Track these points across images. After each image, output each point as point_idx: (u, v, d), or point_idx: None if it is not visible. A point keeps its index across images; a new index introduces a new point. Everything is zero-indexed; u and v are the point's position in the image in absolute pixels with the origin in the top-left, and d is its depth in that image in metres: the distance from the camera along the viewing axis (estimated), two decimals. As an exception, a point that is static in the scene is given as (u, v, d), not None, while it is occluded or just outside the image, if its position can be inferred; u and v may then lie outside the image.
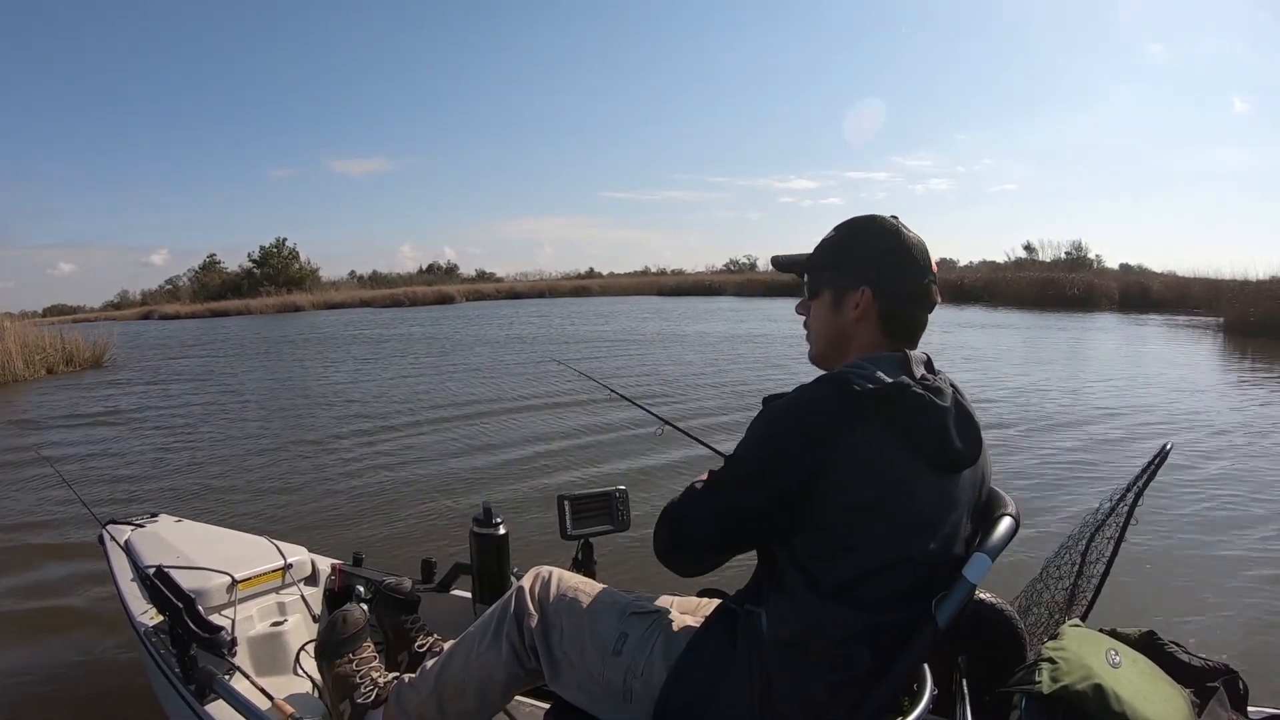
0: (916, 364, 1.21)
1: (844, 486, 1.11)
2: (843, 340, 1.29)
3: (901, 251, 1.26)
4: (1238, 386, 8.92)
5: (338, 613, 1.77)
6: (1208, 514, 4.26)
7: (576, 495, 1.94)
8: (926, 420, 1.14)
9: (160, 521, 2.69)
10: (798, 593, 1.15)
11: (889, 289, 1.25)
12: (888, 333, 1.26)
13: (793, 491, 1.12)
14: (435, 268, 61.82)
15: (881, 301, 1.25)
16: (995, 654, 1.41)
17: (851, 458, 1.10)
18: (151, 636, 1.99)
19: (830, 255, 1.31)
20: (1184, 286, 22.22)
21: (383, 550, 3.88)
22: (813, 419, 1.14)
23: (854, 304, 1.26)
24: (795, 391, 1.19)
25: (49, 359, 13.16)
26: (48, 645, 3.11)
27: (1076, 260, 33.52)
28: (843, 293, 1.28)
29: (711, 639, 1.25)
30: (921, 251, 1.26)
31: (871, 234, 1.28)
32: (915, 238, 1.27)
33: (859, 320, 1.26)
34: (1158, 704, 1.15)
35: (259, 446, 6.78)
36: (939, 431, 1.15)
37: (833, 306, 1.29)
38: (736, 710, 1.17)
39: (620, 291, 42.78)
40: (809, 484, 1.11)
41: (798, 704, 1.14)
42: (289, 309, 37.65)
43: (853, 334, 1.27)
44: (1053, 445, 5.91)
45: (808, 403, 1.15)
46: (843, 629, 1.12)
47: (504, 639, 1.46)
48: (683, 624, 1.33)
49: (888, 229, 1.27)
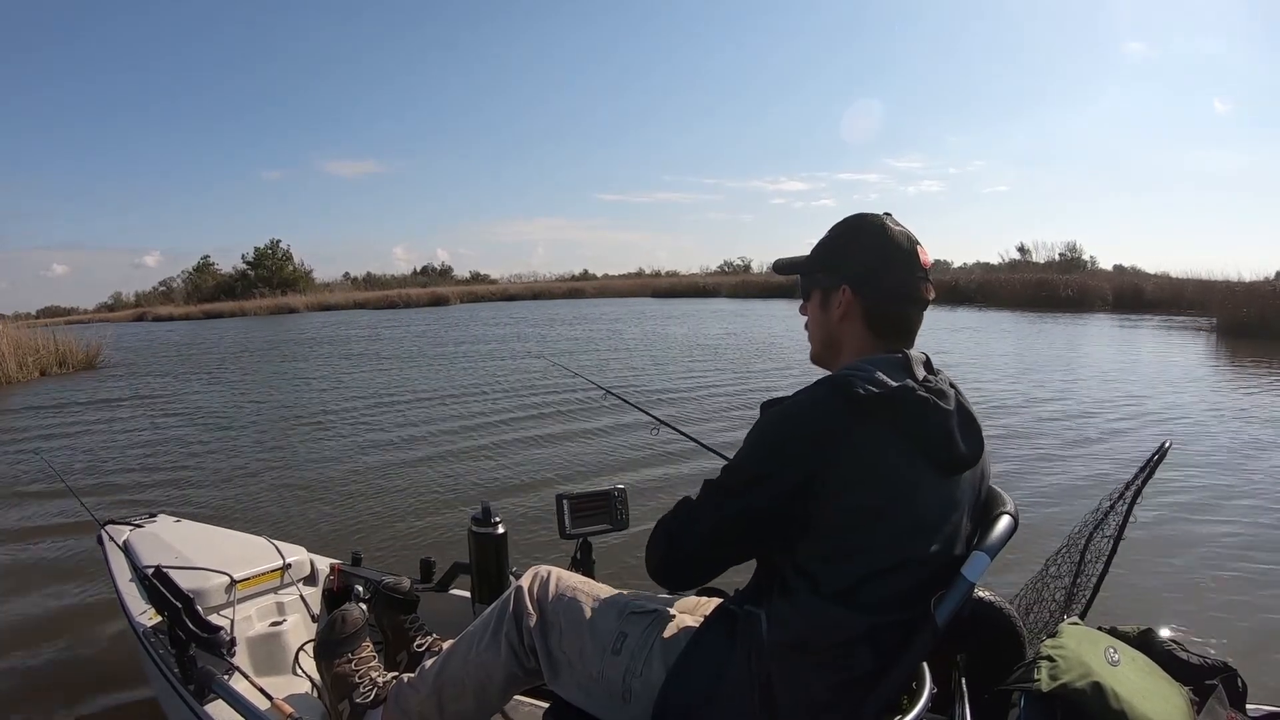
0: (917, 365, 1.21)
1: (846, 490, 1.10)
2: (833, 340, 1.30)
3: (884, 248, 1.24)
4: (1232, 386, 8.95)
5: (336, 612, 1.77)
6: (1206, 513, 4.27)
7: (575, 494, 1.94)
8: (930, 424, 1.13)
9: (159, 521, 2.69)
10: (799, 596, 1.14)
11: (869, 286, 1.24)
12: (875, 331, 1.25)
13: (793, 494, 1.12)
14: (429, 269, 61.79)
15: (863, 299, 1.25)
16: (994, 652, 1.41)
17: (854, 461, 1.10)
18: (150, 637, 1.98)
19: (820, 256, 1.32)
20: (1177, 288, 22.28)
21: (381, 550, 3.89)
22: (814, 422, 1.13)
23: (837, 303, 1.27)
24: (795, 395, 1.18)
25: (42, 361, 13.13)
26: (47, 646, 3.10)
27: (1070, 262, 33.62)
28: (828, 293, 1.29)
29: (710, 639, 1.25)
30: (907, 247, 1.25)
31: (857, 232, 1.28)
32: (902, 233, 1.25)
33: (843, 319, 1.27)
34: (1156, 702, 1.15)
35: (256, 446, 6.77)
36: (943, 435, 1.15)
37: (821, 307, 1.31)
38: (736, 710, 1.17)
39: (615, 293, 42.79)
40: (808, 486, 1.11)
41: (797, 705, 1.14)
42: (283, 311, 37.52)
43: (840, 333, 1.28)
44: (1050, 444, 5.92)
45: (809, 405, 1.15)
46: (844, 631, 1.12)
47: (503, 639, 1.45)
48: (682, 624, 1.33)
49: (871, 226, 1.27)
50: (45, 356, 13.25)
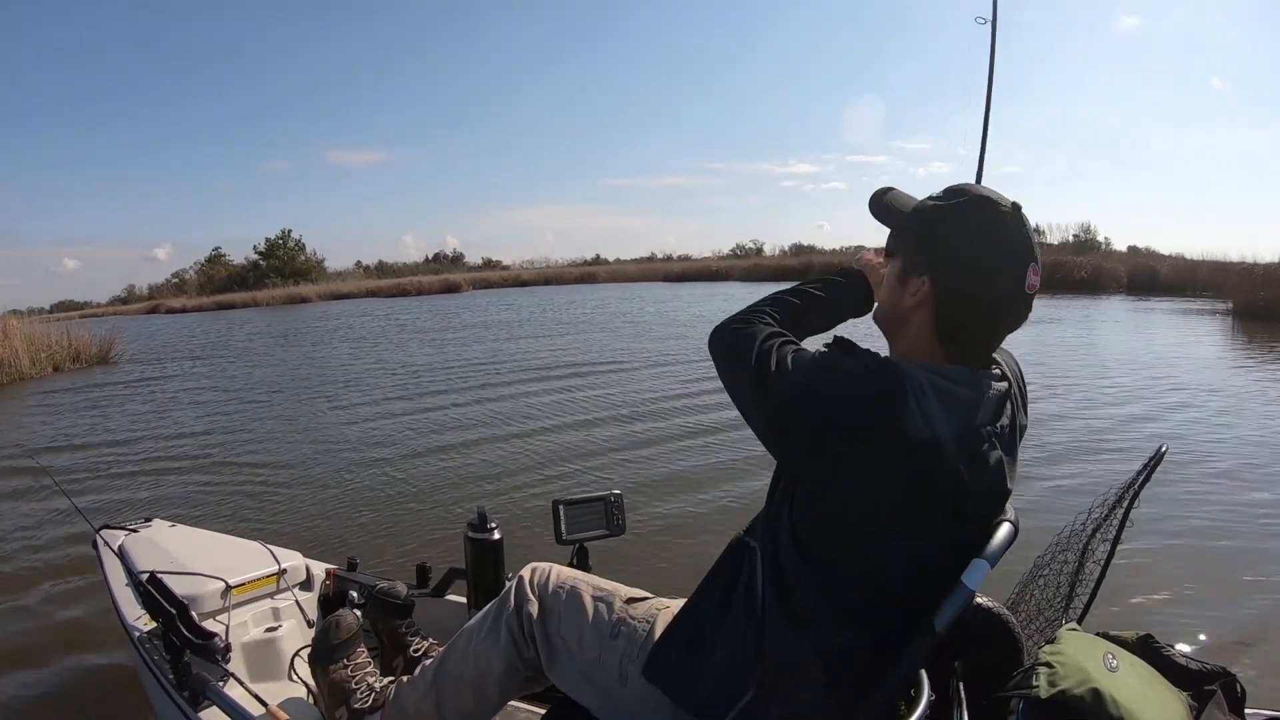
0: (987, 397, 1.10)
1: (863, 493, 1.05)
2: (897, 320, 1.19)
3: (987, 247, 1.08)
4: (1247, 373, 8.85)
5: (331, 618, 1.77)
6: (1206, 515, 4.16)
7: (571, 500, 1.93)
8: (972, 477, 1.07)
9: (154, 526, 2.70)
10: (801, 593, 1.12)
11: (952, 286, 1.10)
12: (940, 334, 1.13)
13: (811, 448, 1.08)
14: (441, 256, 61.80)
15: (939, 296, 1.11)
16: (992, 658, 1.39)
17: (883, 472, 1.04)
18: (145, 642, 1.99)
19: (917, 223, 1.17)
20: (1192, 269, 21.99)
21: (378, 555, 3.89)
22: (873, 412, 1.03)
23: (914, 289, 1.13)
24: (862, 369, 1.07)
25: (55, 356, 13.25)
26: (41, 651, 3.11)
27: (1084, 243, 33.27)
28: (909, 270, 1.15)
29: (720, 565, 1.24)
30: (1016, 255, 1.08)
31: (967, 219, 1.11)
32: (1018, 236, 1.08)
33: (914, 307, 1.14)
34: (1155, 707, 1.14)
35: (254, 450, 6.77)
36: (978, 494, 1.09)
37: (899, 279, 1.17)
38: (733, 668, 1.16)
39: (627, 278, 42.76)
40: (830, 447, 1.05)
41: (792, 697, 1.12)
42: (296, 300, 37.79)
43: (908, 318, 1.16)
44: (1060, 438, 5.87)
45: (864, 394, 1.04)
46: (838, 641, 1.10)
47: (503, 626, 1.46)
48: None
49: (987, 219, 1.09)
50: (59, 352, 13.37)
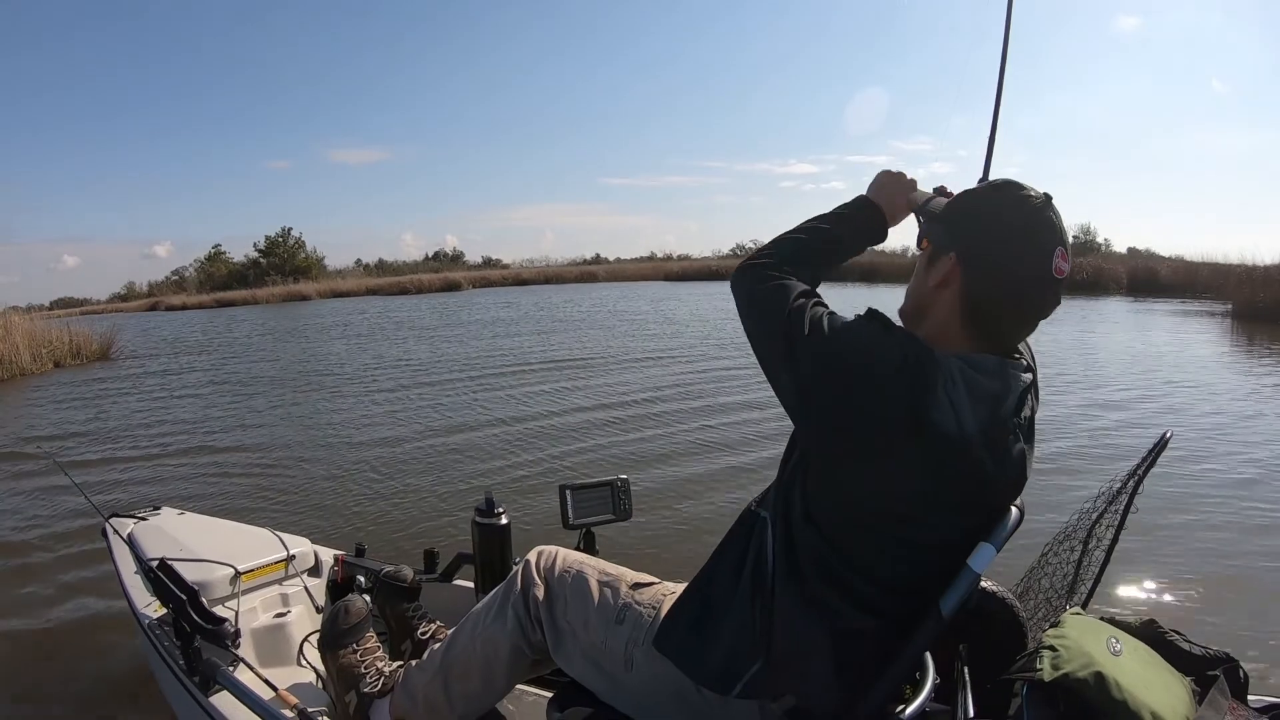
0: (1013, 389, 1.08)
1: (882, 484, 1.06)
2: (922, 305, 1.16)
3: (1016, 229, 1.07)
4: (1247, 373, 8.86)
5: (340, 603, 1.78)
6: (1210, 503, 4.22)
7: (578, 485, 1.94)
8: (996, 471, 1.08)
9: (163, 514, 2.70)
10: (810, 571, 1.12)
11: (981, 271, 1.08)
12: (969, 321, 1.10)
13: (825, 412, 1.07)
14: (441, 254, 61.59)
15: (966, 279, 1.09)
16: (996, 642, 1.41)
17: (904, 466, 1.04)
18: (155, 629, 2.00)
19: (949, 206, 1.17)
20: (1192, 271, 21.95)
21: (386, 541, 3.90)
22: (899, 401, 1.01)
23: (941, 271, 1.12)
24: (893, 348, 1.04)
25: (56, 353, 13.19)
26: (52, 638, 3.13)
27: (1085, 244, 33.29)
28: (938, 251, 1.14)
29: (731, 534, 1.24)
30: (1047, 247, 1.05)
31: (996, 203, 1.10)
32: (1047, 221, 1.06)
33: (939, 288, 1.12)
34: (1158, 692, 1.14)
35: (261, 438, 6.80)
36: (1000, 486, 1.11)
37: (928, 261, 1.16)
38: (741, 639, 1.16)
39: (627, 278, 42.60)
40: (852, 430, 1.05)
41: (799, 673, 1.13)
42: (296, 298, 37.63)
43: (932, 302, 1.14)
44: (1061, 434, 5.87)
45: (885, 370, 1.02)
46: (846, 621, 1.11)
47: (510, 609, 1.46)
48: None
49: (1016, 202, 1.08)
50: (59, 349, 13.32)
